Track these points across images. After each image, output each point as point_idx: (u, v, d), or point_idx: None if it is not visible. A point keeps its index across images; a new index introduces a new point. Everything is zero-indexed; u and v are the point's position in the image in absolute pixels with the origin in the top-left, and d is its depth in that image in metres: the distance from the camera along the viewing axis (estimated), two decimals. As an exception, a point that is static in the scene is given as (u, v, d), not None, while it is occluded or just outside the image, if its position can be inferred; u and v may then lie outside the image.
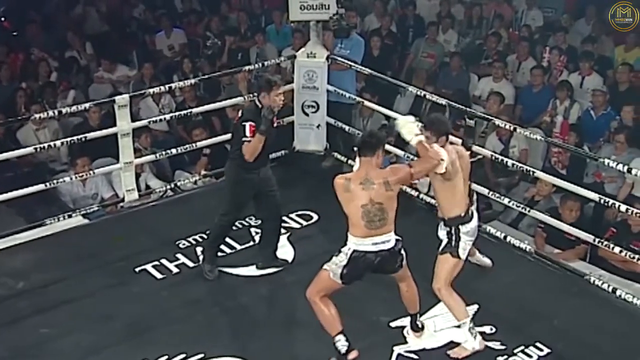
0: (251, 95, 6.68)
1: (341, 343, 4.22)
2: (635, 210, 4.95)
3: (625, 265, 5.55)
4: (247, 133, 4.84)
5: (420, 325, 4.61)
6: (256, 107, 4.94)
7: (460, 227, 4.47)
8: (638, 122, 7.18)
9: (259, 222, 5.72)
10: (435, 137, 4.37)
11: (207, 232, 5.38)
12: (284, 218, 5.77)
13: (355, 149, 4.25)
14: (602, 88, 7.67)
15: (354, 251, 4.15)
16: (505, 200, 5.67)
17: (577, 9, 9.60)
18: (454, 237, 4.47)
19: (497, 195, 5.70)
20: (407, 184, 4.20)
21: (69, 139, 5.87)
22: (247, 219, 5.80)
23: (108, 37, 10.15)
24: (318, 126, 6.61)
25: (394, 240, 4.20)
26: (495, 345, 4.58)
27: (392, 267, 4.29)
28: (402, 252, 4.27)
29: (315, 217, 5.88)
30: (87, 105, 6.21)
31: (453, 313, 4.51)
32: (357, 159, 4.23)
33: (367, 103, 6.52)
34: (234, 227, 5.59)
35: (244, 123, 4.87)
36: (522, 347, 4.57)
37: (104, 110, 7.19)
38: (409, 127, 4.32)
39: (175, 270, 5.32)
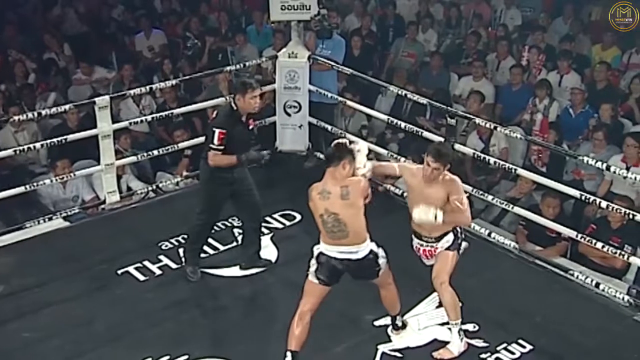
0: (230, 95, 6.72)
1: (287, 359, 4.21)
2: (616, 207, 5.01)
3: (605, 261, 5.61)
4: (215, 141, 4.83)
5: (400, 324, 4.61)
6: (231, 108, 4.93)
7: (458, 234, 4.51)
8: (616, 120, 7.26)
9: (241, 222, 5.76)
10: (443, 167, 4.29)
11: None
12: (267, 218, 5.80)
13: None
14: (581, 86, 7.74)
15: (320, 253, 4.19)
16: (489, 198, 5.70)
17: (554, 7, 9.69)
18: (460, 236, 4.49)
19: (480, 193, 5.73)
20: (366, 194, 4.13)
21: (48, 141, 5.83)
22: (229, 220, 5.79)
23: (87, 39, 10.06)
24: (300, 126, 6.62)
25: (364, 252, 4.14)
26: (479, 342, 4.61)
27: (365, 276, 4.27)
28: (379, 261, 4.21)
29: (298, 217, 5.87)
30: (67, 107, 6.16)
31: (448, 311, 4.45)
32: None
33: (349, 103, 6.52)
34: (215, 228, 5.58)
35: (214, 128, 4.85)
36: (505, 344, 4.60)
37: (83, 112, 7.13)
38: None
39: (158, 271, 5.30)
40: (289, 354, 4.20)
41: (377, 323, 4.71)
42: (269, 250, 5.49)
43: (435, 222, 4.24)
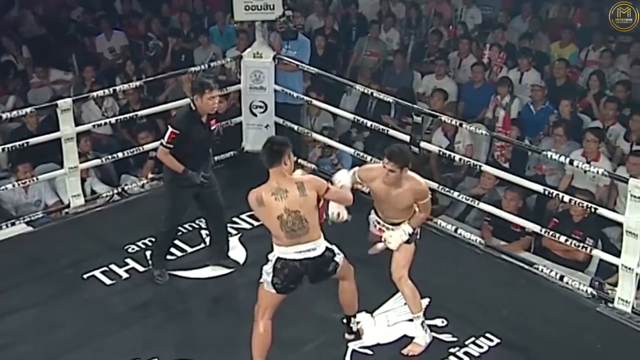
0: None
1: None
2: (578, 201, 5.11)
3: (568, 254, 5.73)
4: (166, 138, 4.84)
5: (355, 329, 4.58)
6: (190, 109, 4.91)
7: None
8: (575, 116, 7.40)
9: (207, 224, 5.73)
10: (399, 168, 4.25)
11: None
12: (235, 219, 5.79)
13: (263, 162, 4.10)
14: (541, 83, 7.88)
15: (278, 259, 4.08)
16: (455, 194, 5.77)
17: (513, 6, 9.83)
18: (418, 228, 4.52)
19: (447, 190, 5.80)
20: (322, 194, 4.08)
21: (9, 145, 5.72)
22: (197, 222, 5.76)
23: (45, 41, 9.91)
24: (266, 126, 6.61)
25: (322, 248, 4.10)
26: (447, 337, 4.65)
27: (323, 274, 4.20)
28: (336, 258, 4.18)
29: (266, 217, 5.85)
30: (28, 109, 6.05)
31: (410, 304, 4.51)
32: (270, 170, 4.10)
33: (315, 102, 6.54)
34: (183, 230, 5.56)
35: (168, 126, 4.87)
36: (473, 338, 4.65)
37: (43, 115, 7.03)
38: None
39: (125, 275, 5.25)
40: None
41: (346, 321, 4.71)
42: (237, 251, 5.47)
43: (406, 237, 4.39)
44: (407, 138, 5.66)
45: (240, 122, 6.67)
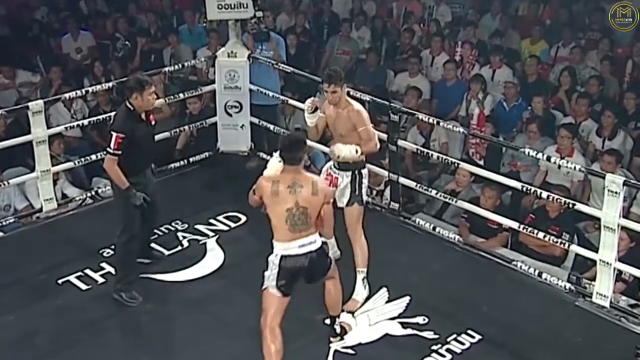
0: (167, 98, 6.60)
1: None
2: (555, 196, 5.14)
3: (545, 249, 5.77)
4: (112, 145, 4.70)
5: (338, 331, 4.59)
6: (128, 109, 4.79)
7: (362, 171, 4.87)
8: (547, 112, 7.46)
9: (185, 226, 5.69)
10: (340, 87, 4.79)
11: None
12: (212, 221, 5.77)
13: (279, 155, 4.20)
14: (513, 80, 7.93)
15: (282, 257, 4.11)
16: (433, 192, 5.78)
17: (482, 3, 9.88)
18: (357, 184, 4.84)
19: (424, 188, 5.80)
20: (326, 201, 4.24)
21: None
22: (173, 224, 5.70)
23: (9, 42, 9.69)
24: (242, 126, 6.54)
25: (319, 241, 4.20)
26: (429, 335, 4.66)
27: (324, 269, 4.27)
28: (329, 254, 4.28)
29: (243, 218, 5.80)
30: (-1, 112, 5.91)
31: (358, 259, 4.82)
32: (279, 163, 4.19)
33: (291, 102, 6.49)
34: (159, 232, 5.49)
35: (112, 132, 4.72)
36: (455, 335, 4.67)
37: (10, 117, 6.87)
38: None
39: (100, 279, 5.17)
40: None
41: (328, 321, 4.66)
42: (214, 253, 5.42)
43: (357, 155, 4.73)
44: (384, 136, 5.64)
45: (215, 122, 6.59)
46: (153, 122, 4.97)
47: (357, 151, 4.73)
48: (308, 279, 4.26)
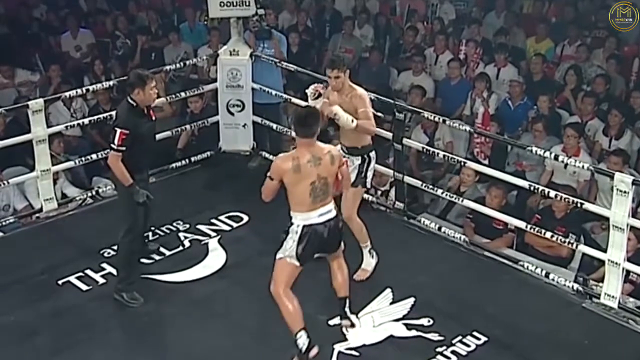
0: (168, 96, 6.54)
1: (302, 340, 4.18)
2: (563, 196, 5.07)
3: (551, 250, 5.71)
4: (116, 141, 4.65)
5: (348, 313, 4.55)
6: (130, 105, 4.75)
7: (370, 154, 4.91)
8: (553, 111, 7.39)
9: (186, 226, 5.64)
10: (343, 73, 4.87)
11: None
12: (213, 221, 5.71)
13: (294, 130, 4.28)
14: (518, 79, 7.86)
15: (304, 227, 4.16)
16: (439, 192, 5.71)
17: (486, 1, 9.80)
18: (366, 166, 4.91)
19: (430, 188, 5.73)
20: (341, 165, 4.34)
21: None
22: (174, 224, 5.65)
23: (7, 40, 9.63)
24: (244, 125, 6.48)
25: (334, 209, 4.27)
26: (434, 336, 4.60)
27: (338, 239, 4.33)
28: (340, 225, 4.35)
29: (245, 218, 5.75)
30: (-1, 111, 5.85)
31: (358, 237, 4.94)
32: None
33: (294, 100, 6.42)
34: (160, 232, 5.44)
35: (116, 128, 4.68)
36: (460, 337, 4.61)
37: (9, 116, 6.80)
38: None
39: (101, 280, 5.11)
40: (301, 333, 4.17)
41: (331, 322, 4.64)
42: (216, 254, 5.36)
43: (352, 125, 4.75)
44: (389, 135, 5.58)
45: (216, 121, 6.53)
46: (154, 118, 4.93)
47: (353, 121, 4.75)
48: (324, 249, 4.29)
